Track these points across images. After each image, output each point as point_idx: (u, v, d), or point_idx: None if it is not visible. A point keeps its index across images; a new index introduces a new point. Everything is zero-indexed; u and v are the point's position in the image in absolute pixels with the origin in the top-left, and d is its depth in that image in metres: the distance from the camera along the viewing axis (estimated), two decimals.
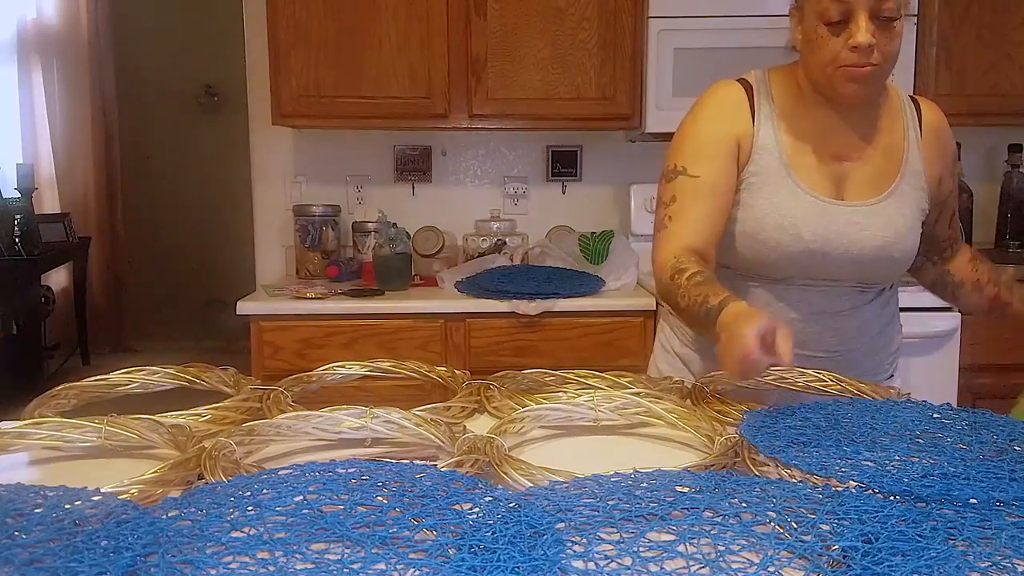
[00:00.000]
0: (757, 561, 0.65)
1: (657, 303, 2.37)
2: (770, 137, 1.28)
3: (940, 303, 2.28)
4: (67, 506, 0.75)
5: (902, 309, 2.25)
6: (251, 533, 0.69)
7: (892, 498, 0.77)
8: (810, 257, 1.25)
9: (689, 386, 1.22)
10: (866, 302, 1.34)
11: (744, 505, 0.74)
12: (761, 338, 0.94)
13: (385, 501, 0.75)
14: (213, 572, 0.63)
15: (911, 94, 1.39)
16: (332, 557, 0.65)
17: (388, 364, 1.30)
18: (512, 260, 2.64)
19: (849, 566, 0.64)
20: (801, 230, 1.25)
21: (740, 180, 1.28)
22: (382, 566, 0.64)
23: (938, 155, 1.36)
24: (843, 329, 1.32)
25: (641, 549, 0.67)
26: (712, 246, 1.24)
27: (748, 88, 1.32)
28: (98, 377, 1.20)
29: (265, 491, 0.77)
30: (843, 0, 1.17)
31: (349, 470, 0.83)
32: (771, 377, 1.25)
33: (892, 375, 1.44)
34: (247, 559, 0.65)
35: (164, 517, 0.72)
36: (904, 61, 2.45)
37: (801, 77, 1.30)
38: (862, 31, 1.17)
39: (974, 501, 0.76)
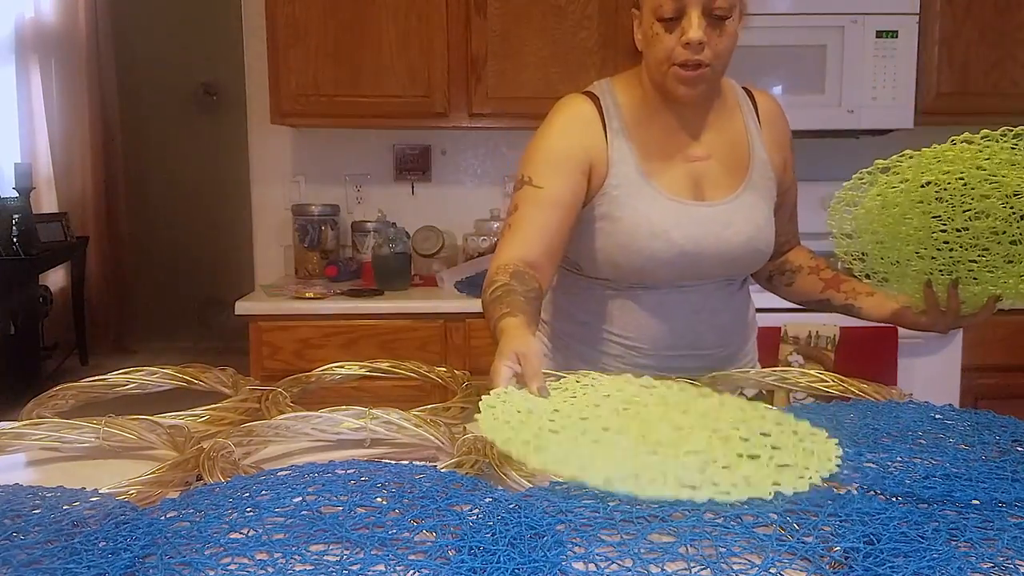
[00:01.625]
0: (758, 562, 0.64)
1: None
2: (624, 149, 1.30)
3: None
4: (65, 507, 0.75)
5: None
6: (250, 534, 0.69)
7: (894, 499, 0.77)
8: (684, 259, 1.28)
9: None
10: (734, 293, 1.38)
11: (745, 507, 0.74)
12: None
13: (384, 502, 0.75)
14: (211, 573, 0.63)
15: (743, 86, 1.41)
16: (331, 558, 0.65)
17: (387, 364, 1.30)
18: None
19: (851, 567, 0.63)
20: (672, 235, 1.27)
21: (602, 195, 1.29)
22: (381, 567, 0.64)
23: (777, 142, 1.39)
24: (722, 324, 1.36)
25: (642, 551, 0.67)
26: (547, 257, 1.25)
27: (596, 101, 1.33)
28: (96, 377, 1.20)
29: (264, 492, 0.77)
30: None
31: (348, 471, 0.83)
32: (772, 378, 1.25)
33: (755, 364, 1.47)
34: (246, 560, 0.65)
35: (162, 518, 0.72)
36: (906, 59, 2.45)
37: (644, 80, 1.32)
38: (694, 27, 1.19)
39: (976, 502, 0.76)
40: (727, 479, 0.78)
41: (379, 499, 0.75)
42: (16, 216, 4.08)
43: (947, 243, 1.10)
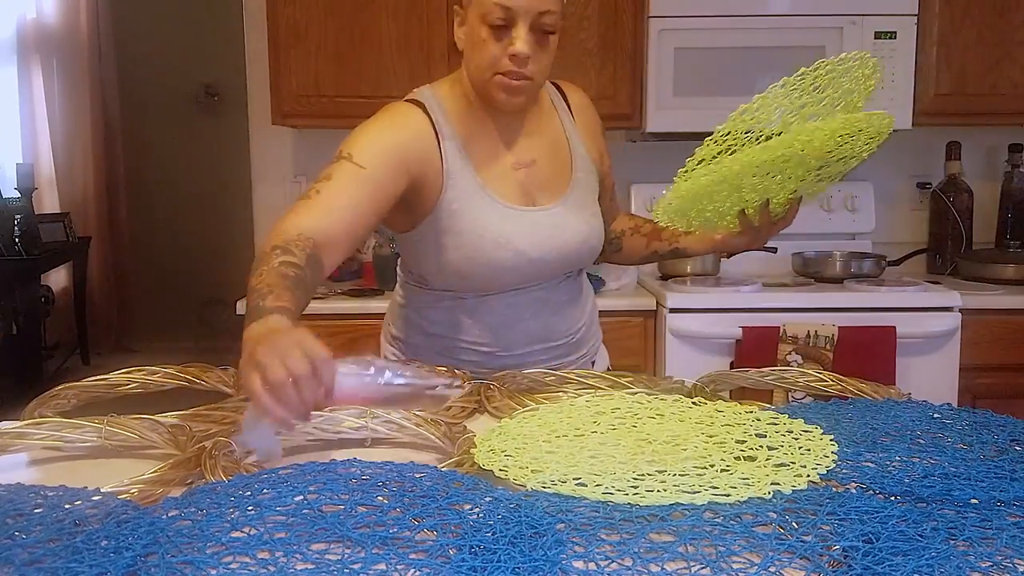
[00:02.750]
0: (758, 561, 0.65)
1: (658, 303, 2.37)
2: (459, 160, 1.29)
3: (941, 303, 2.29)
4: (67, 506, 0.75)
5: (902, 309, 2.27)
6: (251, 533, 0.69)
7: (893, 498, 0.77)
8: (530, 265, 1.31)
9: (690, 385, 1.22)
10: (573, 282, 1.42)
11: (745, 506, 0.74)
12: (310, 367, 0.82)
13: (385, 501, 0.75)
14: (213, 572, 0.63)
15: (552, 80, 1.42)
16: (332, 557, 0.65)
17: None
18: None
19: (850, 566, 0.64)
20: (516, 243, 1.28)
21: (442, 208, 1.28)
22: (382, 566, 0.64)
23: (591, 133, 1.44)
24: (571, 313, 1.41)
25: (642, 550, 0.67)
26: (347, 237, 1.17)
27: (426, 112, 1.31)
28: (98, 377, 1.20)
29: (265, 491, 0.77)
30: (507, 6, 1.19)
31: (349, 470, 0.83)
32: (771, 377, 1.25)
33: (598, 344, 1.54)
34: (247, 559, 0.65)
35: (164, 517, 0.72)
36: (904, 60, 2.45)
37: (466, 86, 1.31)
38: (522, 39, 1.20)
39: (975, 501, 0.76)
40: (726, 482, 0.79)
41: (380, 498, 0.75)
42: (18, 216, 4.08)
43: (753, 178, 1.20)
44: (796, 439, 0.92)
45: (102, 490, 0.79)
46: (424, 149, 1.27)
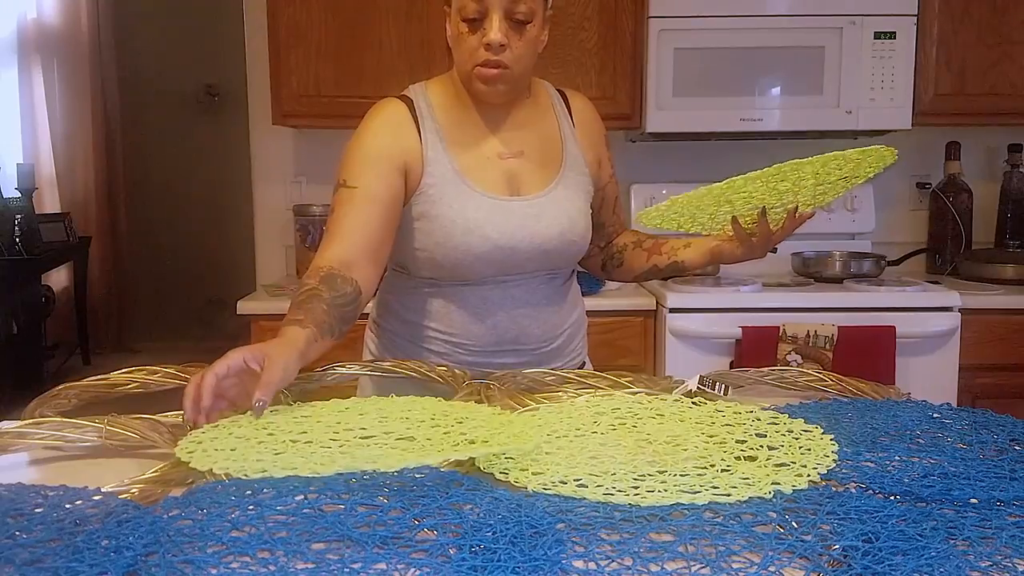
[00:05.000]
0: (758, 561, 0.65)
1: (658, 303, 2.37)
2: (438, 148, 1.33)
3: (940, 303, 2.29)
4: (68, 506, 0.75)
5: (902, 309, 2.27)
6: (252, 532, 0.69)
7: (893, 498, 0.77)
8: (499, 253, 1.31)
9: (693, 387, 1.22)
10: (558, 288, 1.42)
11: (745, 505, 0.75)
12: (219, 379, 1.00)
13: (386, 501, 0.75)
14: (214, 571, 0.63)
15: (558, 87, 1.46)
16: (333, 557, 0.65)
17: (388, 364, 1.30)
18: None
19: (850, 565, 0.64)
20: (486, 230, 1.30)
21: (419, 194, 1.32)
22: (383, 566, 0.64)
23: (590, 139, 1.44)
24: (546, 319, 1.39)
25: (642, 549, 0.67)
26: (367, 254, 1.26)
27: (410, 104, 1.36)
28: (98, 377, 1.20)
29: (266, 490, 0.77)
30: None
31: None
32: (770, 377, 1.25)
33: (583, 363, 1.51)
34: (248, 559, 0.65)
35: (165, 516, 0.72)
36: (904, 60, 2.46)
37: (457, 82, 1.36)
38: (494, 29, 1.24)
39: (974, 501, 0.76)
40: (726, 482, 0.79)
41: (380, 497, 0.75)
42: (19, 216, 4.08)
43: (745, 192, 1.21)
44: (796, 439, 0.92)
45: (103, 490, 0.79)
46: (406, 139, 1.33)
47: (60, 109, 4.89)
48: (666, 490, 0.77)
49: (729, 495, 0.76)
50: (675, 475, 0.81)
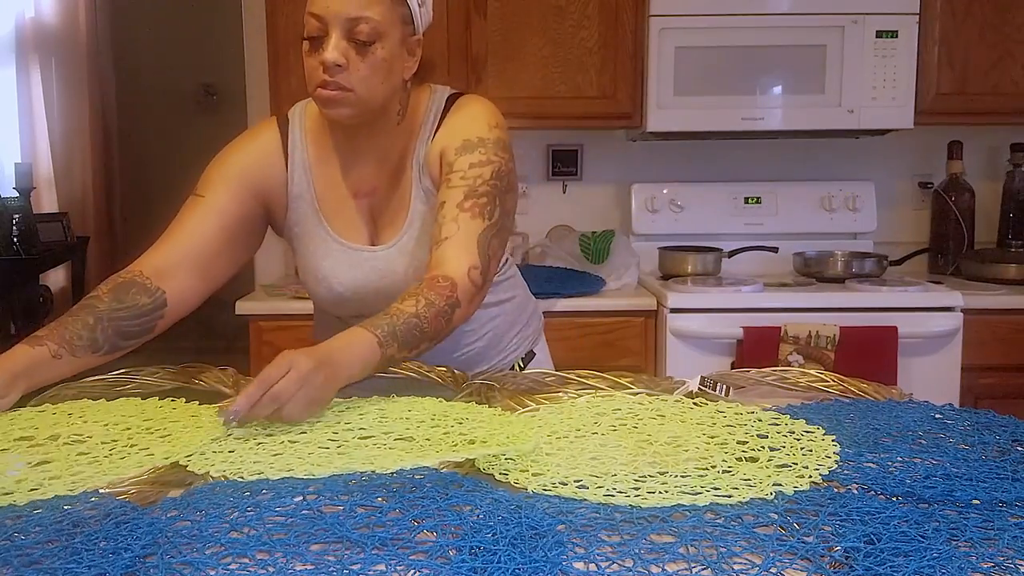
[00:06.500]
0: (759, 562, 0.65)
1: (659, 303, 2.37)
2: (303, 184, 1.30)
3: (942, 303, 2.29)
4: (66, 507, 0.75)
5: (904, 309, 2.27)
6: (250, 534, 0.69)
7: (894, 499, 0.77)
8: (347, 302, 1.30)
9: (694, 388, 1.21)
10: None
11: (746, 507, 0.74)
12: None
13: (385, 502, 0.75)
14: (212, 573, 0.63)
15: (458, 93, 1.35)
16: (331, 558, 0.65)
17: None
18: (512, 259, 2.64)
19: (852, 567, 0.63)
20: (331, 283, 1.29)
21: (287, 230, 1.32)
22: (382, 567, 0.64)
23: (447, 142, 1.26)
24: (474, 317, 1.29)
25: (643, 551, 0.67)
26: (189, 263, 1.25)
27: (284, 131, 1.31)
28: (97, 377, 1.20)
29: (264, 491, 0.77)
30: (317, 15, 1.17)
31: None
32: (772, 377, 1.24)
33: (531, 351, 1.48)
34: (246, 560, 0.65)
35: (163, 518, 0.72)
36: (906, 59, 2.45)
37: None
38: (330, 48, 1.16)
39: (977, 502, 0.76)
40: (728, 483, 0.78)
41: (379, 499, 0.75)
42: (16, 216, 4.07)
43: None
44: (798, 440, 0.92)
45: (101, 491, 0.79)
46: (269, 169, 1.30)
47: (58, 109, 4.88)
48: (667, 491, 0.77)
49: (730, 496, 0.75)
50: (676, 476, 0.81)
